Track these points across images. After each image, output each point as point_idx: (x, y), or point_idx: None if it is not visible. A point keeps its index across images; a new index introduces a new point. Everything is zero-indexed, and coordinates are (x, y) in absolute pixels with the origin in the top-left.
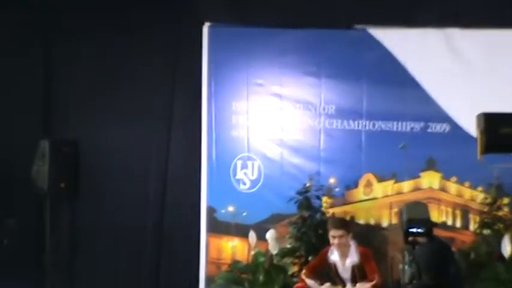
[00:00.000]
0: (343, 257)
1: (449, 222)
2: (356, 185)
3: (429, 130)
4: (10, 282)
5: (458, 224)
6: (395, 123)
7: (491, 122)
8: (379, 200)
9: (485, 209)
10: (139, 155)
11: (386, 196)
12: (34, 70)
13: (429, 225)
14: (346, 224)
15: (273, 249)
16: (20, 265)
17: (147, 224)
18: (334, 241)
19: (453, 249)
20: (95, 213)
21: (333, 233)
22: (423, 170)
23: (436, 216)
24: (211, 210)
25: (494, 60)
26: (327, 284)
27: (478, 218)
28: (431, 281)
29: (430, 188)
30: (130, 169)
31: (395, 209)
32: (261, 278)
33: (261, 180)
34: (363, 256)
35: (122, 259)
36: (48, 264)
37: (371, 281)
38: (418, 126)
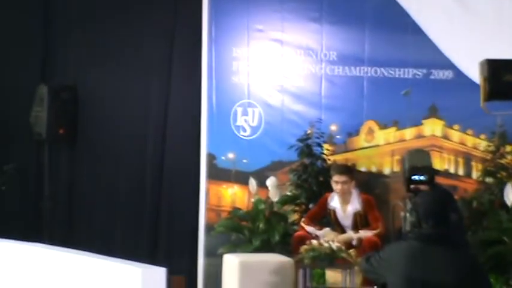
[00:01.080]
0: (344, 204)
1: (452, 170)
2: (358, 133)
3: (432, 77)
4: (8, 228)
5: (460, 172)
6: (397, 69)
7: (494, 68)
8: (381, 147)
9: (488, 157)
10: (139, 101)
11: (388, 143)
12: (33, 15)
13: (431, 173)
14: (350, 171)
15: (274, 196)
16: (18, 211)
17: (146, 171)
18: (337, 187)
19: (455, 197)
20: (93, 160)
21: (336, 178)
22: (426, 118)
23: (438, 164)
24: (211, 157)
25: (499, 6)
26: (326, 229)
27: (480, 166)
28: (430, 229)
29: (433, 136)
30: (130, 115)
31: (398, 157)
32: (261, 225)
33: (262, 127)
34: (366, 203)
35: (121, 206)
36: (46, 211)
37: (374, 229)
38: (420, 72)
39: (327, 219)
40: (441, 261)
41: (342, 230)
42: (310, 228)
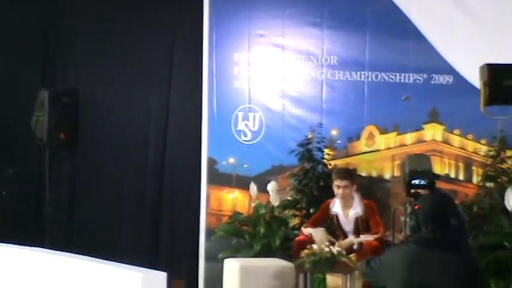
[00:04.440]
0: (346, 209)
1: (452, 175)
2: (358, 137)
3: (432, 82)
4: (9, 233)
5: (461, 176)
6: (398, 74)
7: (494, 73)
8: (381, 152)
9: (489, 162)
10: (139, 105)
11: (389, 148)
12: (34, 22)
13: (432, 177)
14: (351, 175)
15: (274, 201)
16: (19, 216)
17: (147, 176)
18: (338, 191)
19: (456, 202)
20: (94, 164)
21: (337, 182)
22: (426, 122)
23: (439, 168)
24: (212, 162)
25: (500, 11)
26: (320, 228)
27: (481, 171)
28: (429, 234)
29: (433, 141)
30: (130, 120)
31: (398, 162)
32: (261, 230)
33: (262, 131)
34: (367, 208)
35: (122, 211)
36: (47, 215)
37: (375, 233)
38: (421, 77)
39: (328, 224)
40: (440, 265)
41: (344, 235)
42: (306, 230)
